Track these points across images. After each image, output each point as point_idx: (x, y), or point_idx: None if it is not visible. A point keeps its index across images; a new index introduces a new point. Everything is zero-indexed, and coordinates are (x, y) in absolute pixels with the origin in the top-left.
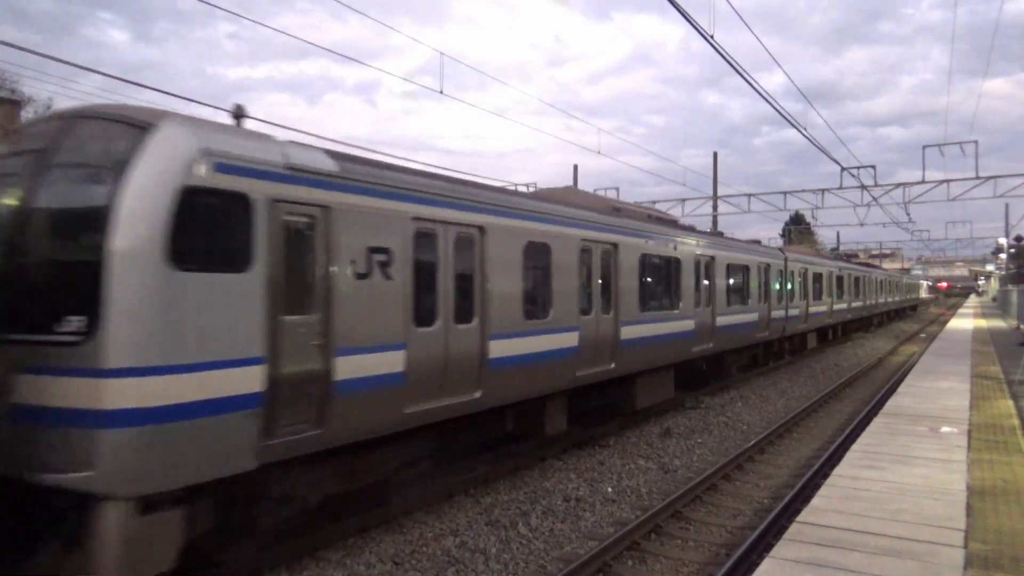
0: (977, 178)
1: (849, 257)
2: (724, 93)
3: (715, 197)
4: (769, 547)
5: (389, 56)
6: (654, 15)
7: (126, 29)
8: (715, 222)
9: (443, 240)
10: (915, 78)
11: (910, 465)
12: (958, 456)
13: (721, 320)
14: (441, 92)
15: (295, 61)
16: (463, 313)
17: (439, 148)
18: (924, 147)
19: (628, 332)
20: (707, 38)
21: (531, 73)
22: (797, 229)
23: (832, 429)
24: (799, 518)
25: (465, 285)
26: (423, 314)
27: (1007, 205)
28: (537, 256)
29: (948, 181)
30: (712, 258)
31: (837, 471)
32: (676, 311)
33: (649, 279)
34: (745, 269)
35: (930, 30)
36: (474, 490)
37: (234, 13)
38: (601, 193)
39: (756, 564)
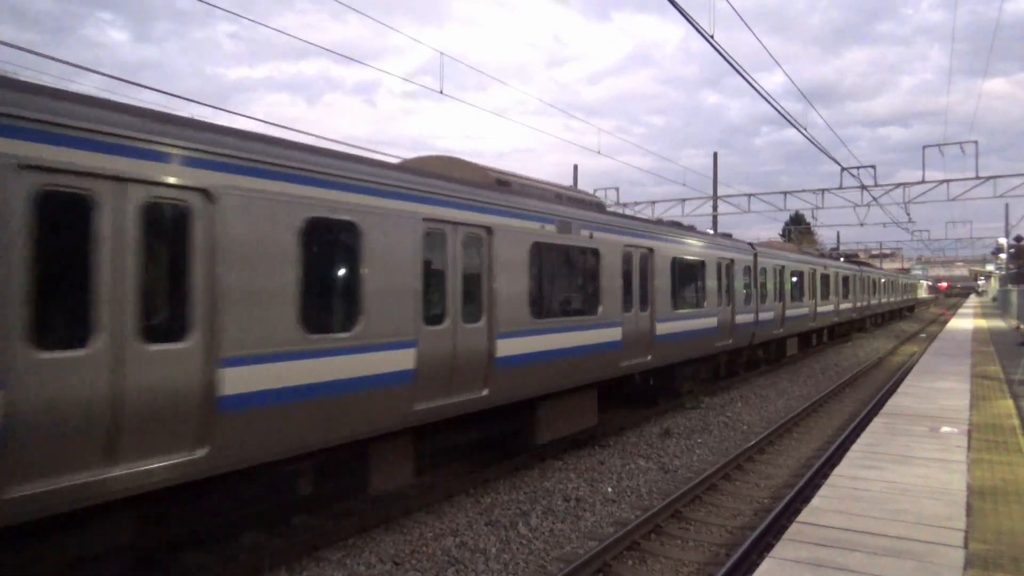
0: (977, 178)
1: (848, 256)
2: (724, 93)
3: (715, 197)
4: (769, 547)
5: (389, 57)
6: (653, 15)
7: (125, 29)
8: (715, 222)
9: (111, 207)
10: (915, 78)
11: (910, 465)
12: (958, 456)
13: (664, 327)
14: (441, 92)
15: (295, 61)
16: (164, 326)
17: (439, 148)
18: (924, 147)
19: (511, 346)
20: (707, 38)
21: (531, 73)
22: (797, 229)
23: (832, 429)
24: (799, 518)
25: (168, 281)
26: (56, 328)
27: (1007, 205)
28: (332, 240)
29: (948, 181)
30: (650, 251)
31: (837, 471)
32: (593, 317)
33: (549, 276)
34: (700, 266)
35: (929, 30)
36: (474, 490)
37: (234, 13)
38: (601, 193)
39: (756, 564)
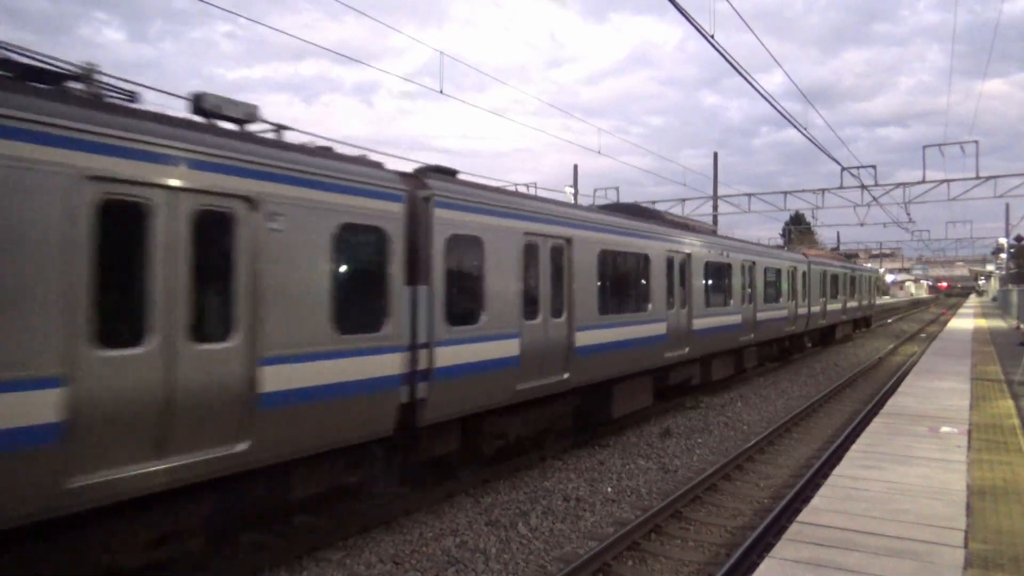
0: (977, 178)
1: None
2: (722, 94)
3: (715, 197)
4: (769, 547)
5: (387, 58)
6: (651, 16)
7: (122, 29)
8: (715, 222)
9: None
10: (913, 79)
11: (910, 465)
12: (958, 456)
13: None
14: (441, 92)
15: (293, 62)
16: None
17: (437, 148)
18: (924, 147)
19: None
20: (708, 39)
21: (530, 74)
22: (797, 229)
23: (832, 429)
24: (799, 518)
25: None
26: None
27: (1007, 205)
28: None
29: (948, 181)
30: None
31: (837, 471)
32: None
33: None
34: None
35: (927, 31)
36: (474, 490)
37: (232, 12)
38: (601, 194)
39: (756, 564)
